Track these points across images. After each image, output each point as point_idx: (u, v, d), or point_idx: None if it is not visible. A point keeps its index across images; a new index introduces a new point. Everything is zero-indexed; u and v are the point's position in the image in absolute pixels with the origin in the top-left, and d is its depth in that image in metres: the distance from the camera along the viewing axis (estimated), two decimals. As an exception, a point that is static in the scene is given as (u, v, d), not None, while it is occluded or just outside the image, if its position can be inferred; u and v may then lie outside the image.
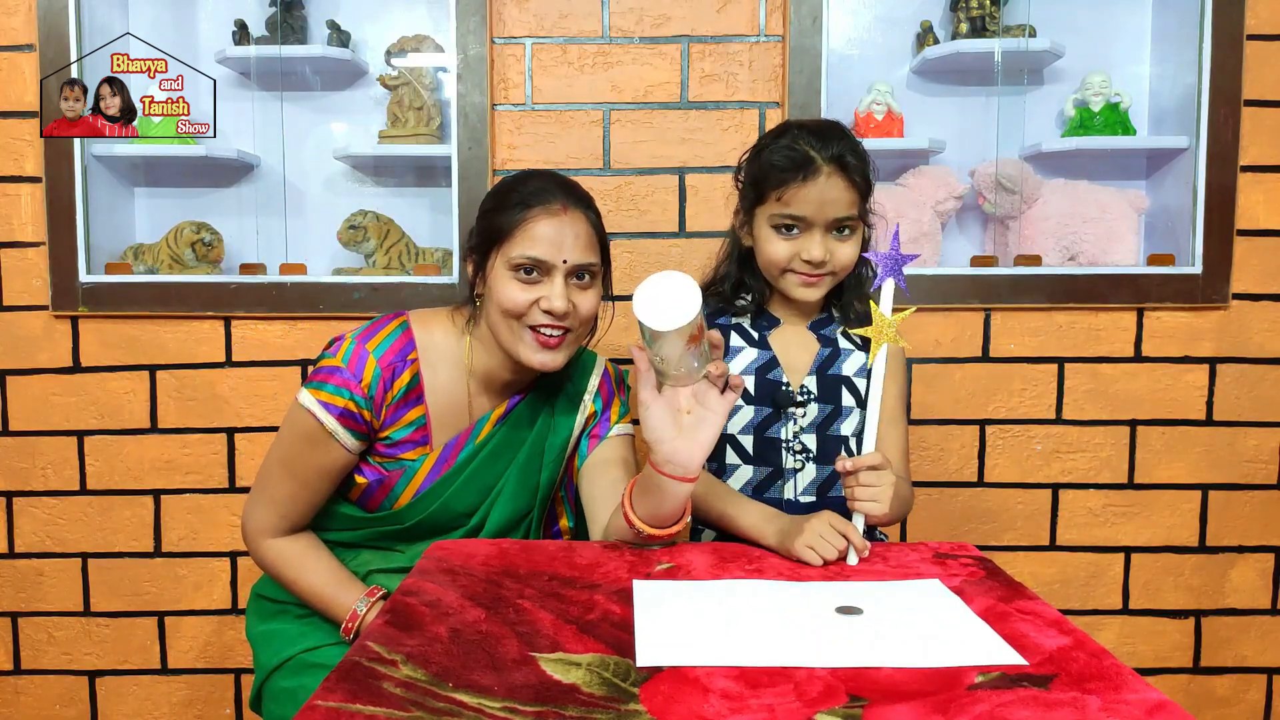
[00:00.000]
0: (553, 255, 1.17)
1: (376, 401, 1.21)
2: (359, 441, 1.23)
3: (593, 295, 1.23)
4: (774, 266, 1.27)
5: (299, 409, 1.21)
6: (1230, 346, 1.79)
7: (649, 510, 1.11)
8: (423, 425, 1.25)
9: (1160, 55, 1.84)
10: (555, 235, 1.18)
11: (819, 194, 1.22)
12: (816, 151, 1.22)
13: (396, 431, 1.24)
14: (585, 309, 1.21)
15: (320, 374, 1.21)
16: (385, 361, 1.21)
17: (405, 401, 1.23)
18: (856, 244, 1.26)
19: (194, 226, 1.82)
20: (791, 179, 1.22)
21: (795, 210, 1.23)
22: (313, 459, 1.22)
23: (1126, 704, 0.71)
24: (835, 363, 1.31)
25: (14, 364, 1.79)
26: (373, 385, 1.20)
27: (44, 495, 1.82)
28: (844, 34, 1.86)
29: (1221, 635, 1.83)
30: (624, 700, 0.72)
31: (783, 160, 1.23)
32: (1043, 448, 1.81)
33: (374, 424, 1.22)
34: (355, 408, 1.20)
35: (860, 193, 1.25)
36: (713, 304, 1.35)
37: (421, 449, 1.26)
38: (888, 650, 0.81)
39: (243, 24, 1.81)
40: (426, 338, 1.26)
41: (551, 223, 1.18)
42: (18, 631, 1.84)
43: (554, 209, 1.19)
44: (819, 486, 1.29)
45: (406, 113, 1.82)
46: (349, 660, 0.78)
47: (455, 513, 1.27)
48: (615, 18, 1.77)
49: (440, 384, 1.25)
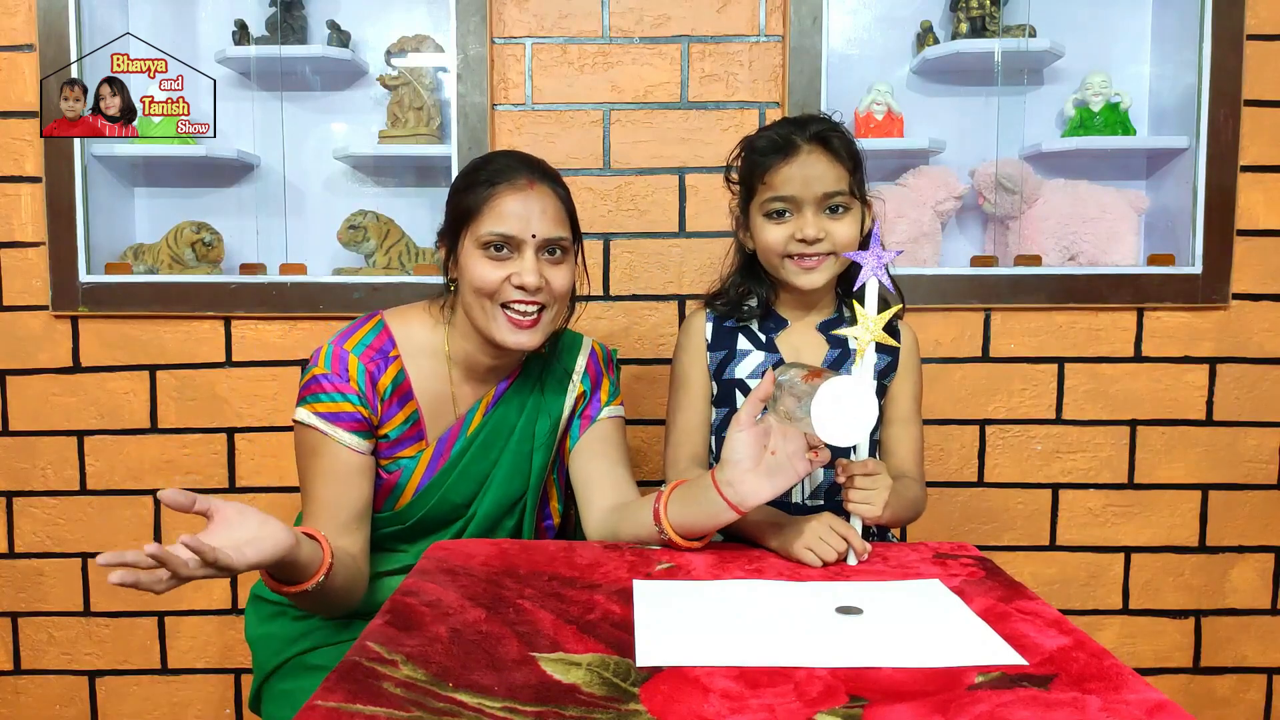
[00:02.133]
0: (521, 230, 1.17)
1: (369, 396, 1.20)
2: (365, 441, 1.21)
3: (565, 270, 1.22)
4: (772, 255, 1.26)
5: (300, 428, 1.20)
6: (1230, 346, 1.79)
7: (685, 519, 1.10)
8: (416, 421, 1.25)
9: (1160, 55, 1.84)
10: (522, 210, 1.17)
11: (802, 171, 1.22)
12: (795, 132, 1.24)
13: (393, 430, 1.24)
14: (558, 284, 1.21)
15: (309, 388, 1.20)
16: (367, 358, 1.21)
17: (395, 398, 1.23)
18: (853, 223, 1.25)
19: (194, 226, 1.82)
20: (775, 161, 1.23)
21: (782, 191, 1.23)
22: (332, 470, 1.18)
23: (1126, 704, 0.71)
24: (844, 365, 1.29)
25: (14, 364, 1.79)
26: (361, 380, 1.19)
27: (44, 495, 1.82)
28: (844, 34, 1.86)
29: (1221, 635, 1.83)
30: (624, 700, 0.72)
31: (765, 145, 1.25)
32: (1043, 448, 1.81)
33: (373, 420, 1.22)
34: (352, 407, 1.19)
35: (848, 169, 1.24)
36: (720, 309, 1.34)
37: (417, 445, 1.26)
38: (888, 650, 0.81)
39: (243, 24, 1.81)
40: (405, 333, 1.25)
41: (518, 198, 1.18)
42: (18, 631, 1.84)
43: (520, 184, 1.19)
44: (826, 490, 1.28)
45: (406, 113, 1.82)
46: (349, 660, 0.78)
47: (453, 504, 1.27)
48: (615, 18, 1.77)
49: (426, 377, 1.25)
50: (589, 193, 1.78)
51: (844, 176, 1.24)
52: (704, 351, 1.33)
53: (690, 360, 1.33)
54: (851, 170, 1.25)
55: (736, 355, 1.31)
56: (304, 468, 1.21)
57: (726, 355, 1.31)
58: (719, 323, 1.33)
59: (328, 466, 1.18)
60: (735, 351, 1.31)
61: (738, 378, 1.30)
